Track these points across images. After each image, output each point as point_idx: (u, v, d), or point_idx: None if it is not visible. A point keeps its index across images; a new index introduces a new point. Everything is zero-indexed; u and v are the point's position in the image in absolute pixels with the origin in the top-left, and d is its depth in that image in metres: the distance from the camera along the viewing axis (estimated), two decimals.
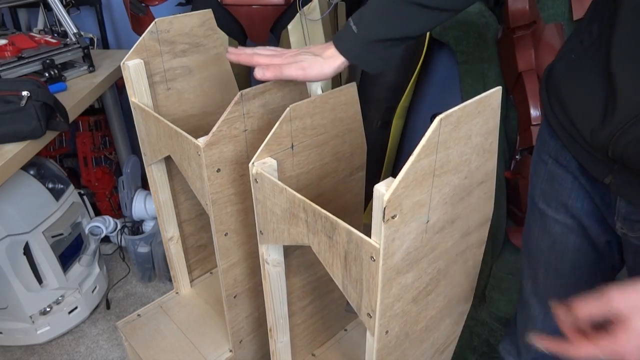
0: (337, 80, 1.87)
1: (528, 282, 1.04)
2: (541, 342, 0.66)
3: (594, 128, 0.73)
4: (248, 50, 0.92)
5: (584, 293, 0.99)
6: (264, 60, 0.89)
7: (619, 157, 0.71)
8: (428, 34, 1.78)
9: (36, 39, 1.75)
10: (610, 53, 0.70)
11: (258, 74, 0.86)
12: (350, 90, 0.94)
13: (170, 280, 2.05)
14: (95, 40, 2.05)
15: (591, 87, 0.75)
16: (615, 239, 0.88)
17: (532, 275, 1.03)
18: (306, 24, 1.71)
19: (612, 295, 0.60)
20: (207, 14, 1.18)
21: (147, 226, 2.08)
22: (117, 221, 2.05)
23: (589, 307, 0.61)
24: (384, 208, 0.58)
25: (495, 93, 0.66)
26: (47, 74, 1.64)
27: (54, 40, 1.75)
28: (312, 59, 0.85)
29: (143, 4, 1.86)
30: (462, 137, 0.64)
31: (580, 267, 0.94)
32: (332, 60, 0.85)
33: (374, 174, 1.99)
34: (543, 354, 1.10)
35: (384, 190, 0.58)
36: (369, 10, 0.83)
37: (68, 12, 1.85)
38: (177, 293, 1.44)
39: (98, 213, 2.25)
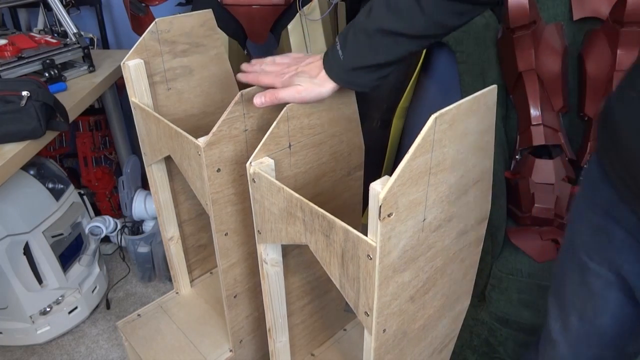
0: None
1: (557, 322, 0.95)
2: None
3: None
4: (256, 67, 0.94)
5: (624, 345, 0.90)
6: (268, 80, 0.90)
7: None
8: None
9: (36, 39, 1.75)
10: None
11: (257, 101, 0.88)
12: (348, 90, 0.94)
13: (170, 280, 2.05)
14: (95, 40, 2.05)
15: None
16: None
17: (562, 317, 0.94)
18: (306, 24, 1.71)
19: None
20: (207, 14, 1.18)
21: (147, 226, 2.08)
22: (117, 221, 2.05)
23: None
24: (380, 206, 0.58)
25: (490, 91, 0.66)
26: (47, 74, 1.64)
27: (54, 40, 1.75)
28: (307, 82, 0.86)
29: (143, 4, 1.86)
30: (458, 136, 0.64)
31: (621, 323, 0.86)
32: (324, 83, 0.86)
33: (374, 174, 1.98)
34: None
35: (379, 188, 0.58)
36: (352, 36, 0.82)
37: (68, 12, 1.85)
38: (177, 293, 1.44)
39: (98, 213, 2.25)
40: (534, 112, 1.49)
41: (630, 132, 0.67)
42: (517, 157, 1.55)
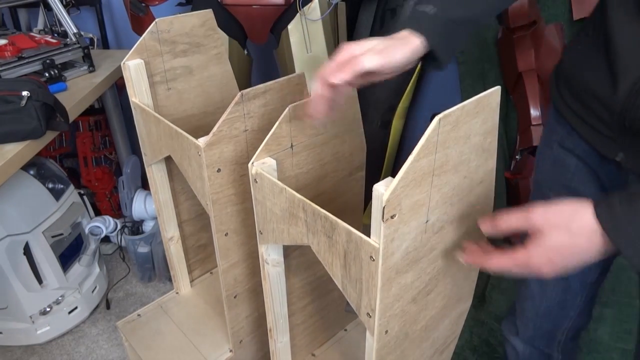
0: None
1: None
2: (461, 256, 0.72)
3: (612, 98, 0.76)
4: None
5: (583, 275, 1.02)
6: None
7: (638, 120, 0.73)
8: None
9: (36, 39, 1.75)
10: (611, 25, 0.76)
11: (335, 79, 0.71)
12: (350, 91, 0.94)
13: (170, 280, 2.05)
14: (95, 40, 2.05)
15: (600, 65, 0.79)
16: None
17: None
18: (306, 24, 1.71)
19: (535, 211, 0.64)
20: (207, 14, 1.18)
21: (147, 226, 2.07)
22: (117, 221, 2.05)
23: (511, 219, 0.66)
24: (383, 208, 0.58)
25: (494, 93, 0.66)
26: (47, 74, 1.64)
27: (54, 40, 1.75)
28: (384, 43, 0.73)
29: (143, 4, 1.86)
30: (461, 137, 0.64)
31: None
32: (407, 41, 0.73)
33: (374, 174, 1.99)
34: (541, 331, 1.15)
35: (383, 190, 0.58)
36: None
37: (68, 12, 1.85)
38: (177, 293, 1.44)
39: (98, 213, 2.25)
40: (534, 112, 1.49)
41: (580, 70, 0.85)
42: (517, 157, 1.55)
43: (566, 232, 0.62)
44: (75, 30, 1.78)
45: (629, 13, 0.74)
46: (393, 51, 0.72)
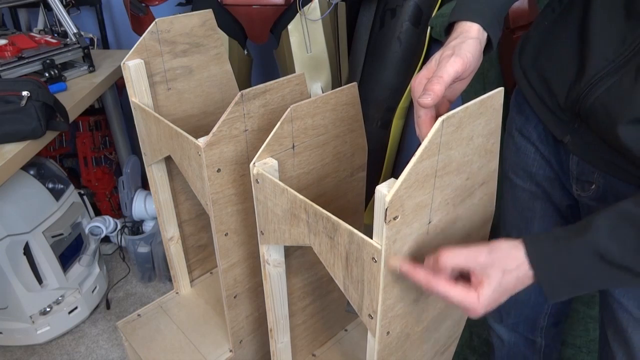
0: (337, 81, 1.87)
1: None
2: (397, 263, 0.66)
3: (571, 84, 0.78)
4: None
5: None
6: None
7: (587, 110, 0.75)
8: (428, 34, 1.78)
9: (36, 39, 1.74)
10: (588, 8, 0.75)
11: (425, 101, 0.67)
12: (352, 91, 0.94)
13: (170, 280, 2.04)
14: (95, 40, 2.05)
15: (567, 47, 0.80)
16: (575, 203, 0.95)
17: None
18: (306, 24, 1.71)
19: (480, 251, 0.65)
20: (207, 14, 1.18)
21: (147, 226, 2.07)
22: (117, 221, 2.05)
23: (459, 258, 0.65)
24: (386, 209, 0.58)
25: (497, 94, 0.65)
26: (47, 74, 1.64)
27: (54, 40, 1.74)
28: (449, 47, 0.71)
29: (143, 4, 1.86)
30: (464, 138, 0.64)
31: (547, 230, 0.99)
32: (467, 34, 0.73)
33: (374, 174, 1.99)
34: (523, 316, 1.19)
35: (385, 191, 0.58)
36: None
37: (68, 12, 1.84)
38: (177, 293, 1.44)
39: (98, 213, 2.25)
40: None
41: (546, 50, 0.85)
42: None
43: (502, 271, 0.65)
44: (75, 30, 1.78)
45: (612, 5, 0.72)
46: (464, 47, 0.70)
